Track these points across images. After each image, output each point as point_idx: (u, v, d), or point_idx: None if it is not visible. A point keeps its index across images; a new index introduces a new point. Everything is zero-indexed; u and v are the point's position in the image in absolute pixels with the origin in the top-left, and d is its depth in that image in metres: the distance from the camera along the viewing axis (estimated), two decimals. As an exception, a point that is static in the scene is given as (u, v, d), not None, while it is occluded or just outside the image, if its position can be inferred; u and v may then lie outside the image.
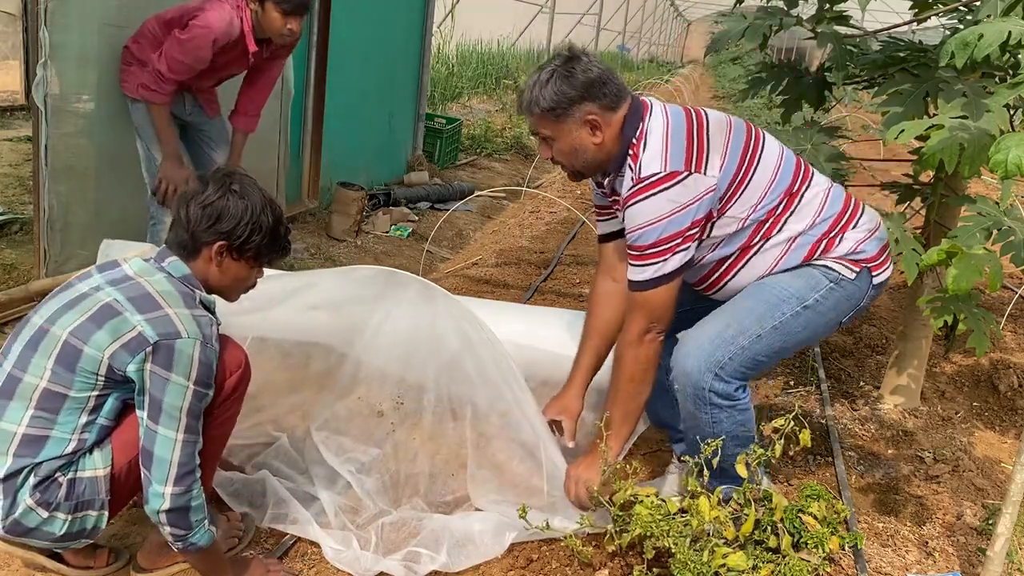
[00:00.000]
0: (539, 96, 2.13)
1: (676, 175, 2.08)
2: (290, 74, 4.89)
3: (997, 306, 4.84)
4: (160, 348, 1.83)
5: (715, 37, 3.16)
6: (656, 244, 2.10)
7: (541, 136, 2.21)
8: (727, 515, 2.08)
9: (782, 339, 2.20)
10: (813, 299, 2.21)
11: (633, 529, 2.06)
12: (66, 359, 1.84)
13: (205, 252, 1.97)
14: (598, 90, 2.13)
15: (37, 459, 1.83)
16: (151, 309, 1.86)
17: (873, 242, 2.29)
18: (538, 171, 8.10)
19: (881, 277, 2.31)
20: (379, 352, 2.61)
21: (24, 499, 1.82)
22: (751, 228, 2.22)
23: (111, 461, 1.91)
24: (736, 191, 2.18)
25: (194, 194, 1.97)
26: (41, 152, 3.34)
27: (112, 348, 1.83)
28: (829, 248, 2.25)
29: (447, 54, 12.44)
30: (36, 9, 3.21)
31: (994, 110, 2.23)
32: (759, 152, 2.22)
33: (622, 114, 2.17)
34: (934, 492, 2.91)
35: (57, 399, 1.84)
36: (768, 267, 2.26)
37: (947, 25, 3.31)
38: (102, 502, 1.91)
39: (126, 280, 1.92)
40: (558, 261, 5.24)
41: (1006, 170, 1.81)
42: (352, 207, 5.32)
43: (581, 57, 2.15)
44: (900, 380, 3.48)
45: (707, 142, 2.14)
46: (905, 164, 3.52)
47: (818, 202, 2.26)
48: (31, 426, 1.84)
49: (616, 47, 23.28)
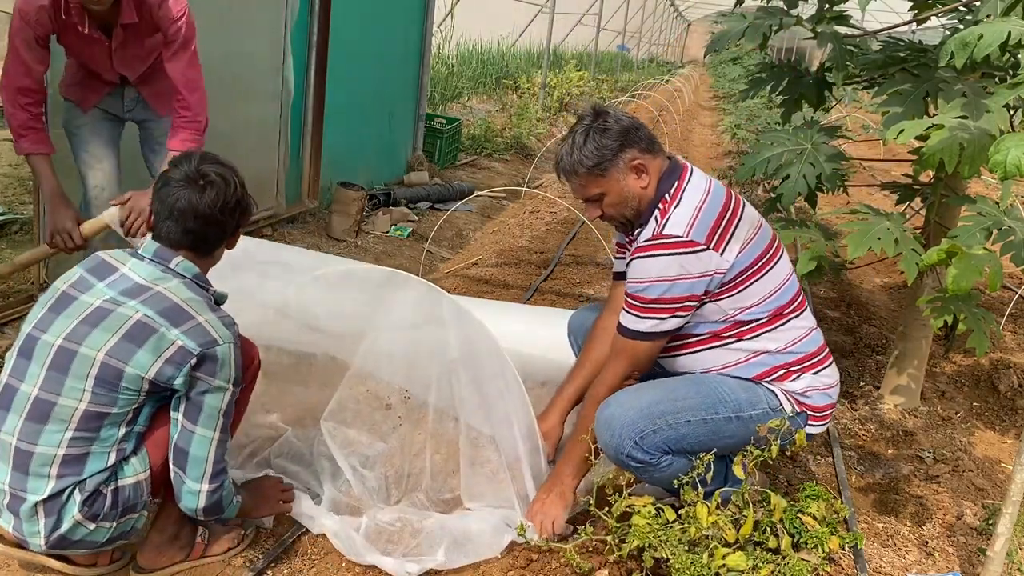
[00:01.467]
0: (581, 157, 2.19)
1: (695, 245, 2.12)
2: (290, 74, 4.89)
3: (997, 306, 4.84)
4: (205, 358, 1.88)
5: (715, 37, 3.17)
6: (659, 301, 2.15)
7: (589, 198, 2.26)
8: (726, 519, 2.08)
9: (708, 436, 2.21)
10: (749, 414, 2.25)
11: (631, 540, 2.06)
12: (107, 380, 1.84)
13: (218, 252, 2.06)
14: (634, 135, 2.20)
15: (82, 476, 1.86)
16: (185, 320, 1.88)
17: (823, 396, 2.32)
18: (538, 171, 8.10)
19: (814, 430, 2.34)
20: (384, 350, 2.61)
21: (72, 515, 1.85)
22: (729, 324, 2.26)
23: (148, 463, 1.95)
24: (737, 287, 2.21)
25: (189, 204, 1.95)
26: (41, 152, 3.32)
27: (156, 366, 1.85)
28: (784, 379, 2.28)
29: (447, 54, 12.43)
30: (36, 9, 3.20)
31: (994, 110, 2.23)
32: (773, 263, 2.27)
33: (660, 162, 2.24)
34: (934, 492, 2.91)
35: (99, 418, 1.86)
36: (722, 365, 2.30)
37: (947, 25, 3.31)
38: (145, 503, 1.97)
39: (143, 291, 1.90)
40: (558, 261, 5.24)
41: (1006, 170, 1.81)
42: (352, 207, 5.32)
43: (608, 111, 2.23)
44: (900, 380, 3.48)
45: (734, 229, 2.18)
46: (905, 164, 3.52)
47: (798, 335, 2.30)
48: (71, 447, 1.84)
49: (616, 47, 23.26)
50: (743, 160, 3.09)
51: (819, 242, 3.05)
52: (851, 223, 2.78)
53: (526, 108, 11.52)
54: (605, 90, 16.59)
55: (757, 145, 3.13)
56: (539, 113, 11.78)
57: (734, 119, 11.93)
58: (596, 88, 16.35)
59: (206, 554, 2.17)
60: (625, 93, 15.49)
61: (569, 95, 13.85)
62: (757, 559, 2.06)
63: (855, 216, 2.83)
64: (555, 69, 14.95)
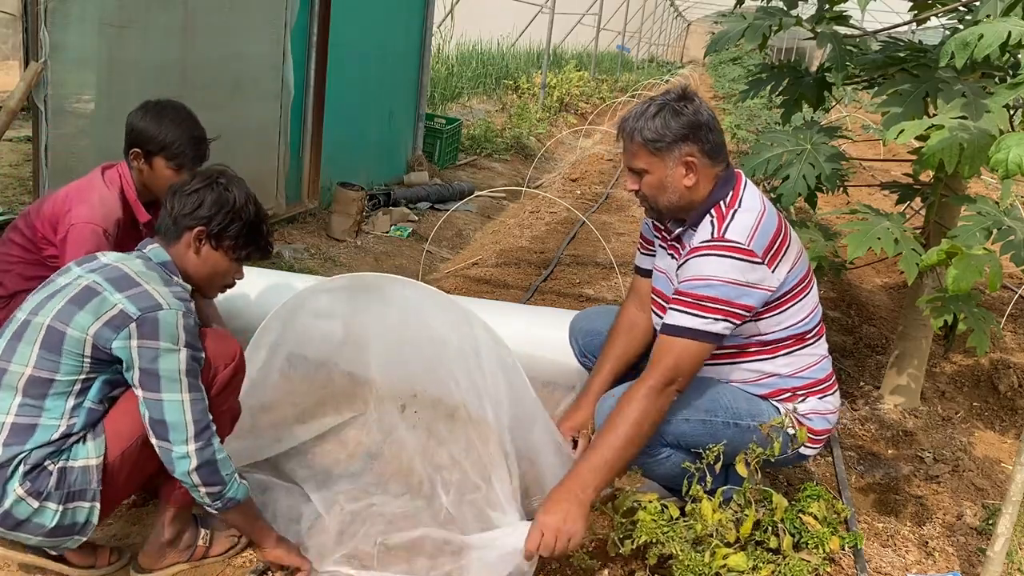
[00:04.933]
0: (643, 126, 2.14)
1: (753, 255, 2.10)
2: (290, 74, 4.89)
3: (997, 306, 4.84)
4: (144, 321, 1.85)
5: (715, 37, 3.16)
6: (713, 300, 2.08)
7: (633, 168, 2.22)
8: (728, 517, 2.08)
9: (705, 437, 2.19)
10: (747, 423, 2.24)
11: (638, 536, 2.05)
12: (50, 343, 1.85)
13: (185, 237, 2.04)
14: (704, 134, 2.15)
15: (26, 447, 1.83)
16: (130, 287, 1.90)
17: (823, 420, 2.32)
18: (538, 171, 8.10)
19: (808, 451, 2.34)
20: (390, 360, 2.54)
21: (14, 489, 1.81)
22: (755, 342, 2.26)
23: (104, 451, 1.90)
24: (781, 306, 2.21)
25: (181, 185, 2.06)
26: (41, 152, 3.34)
27: (95, 327, 1.84)
28: (790, 400, 2.30)
29: (447, 54, 12.43)
30: (36, 9, 3.21)
31: (994, 110, 2.24)
32: (809, 289, 2.28)
33: (718, 170, 2.20)
34: (934, 492, 2.91)
35: (43, 384, 1.85)
36: (732, 380, 2.30)
37: (947, 25, 3.31)
38: (94, 493, 1.89)
39: (104, 266, 1.96)
40: (558, 261, 5.24)
41: (1006, 170, 1.82)
42: (352, 207, 5.32)
43: (694, 99, 2.18)
44: (900, 380, 3.48)
45: (785, 249, 2.17)
46: (905, 164, 3.52)
47: (811, 361, 2.30)
48: (19, 415, 1.84)
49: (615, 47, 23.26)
50: (743, 161, 3.09)
51: (819, 242, 3.06)
52: (851, 223, 2.78)
53: (526, 108, 11.53)
54: (605, 90, 16.58)
55: (757, 145, 3.12)
56: (539, 113, 11.78)
57: (734, 119, 11.92)
58: (596, 88, 16.35)
59: (207, 555, 2.17)
60: (625, 93, 15.49)
61: (569, 95, 13.86)
62: (758, 559, 2.07)
63: (855, 216, 2.83)
64: (555, 69, 14.95)
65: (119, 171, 2.61)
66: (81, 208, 2.49)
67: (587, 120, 12.19)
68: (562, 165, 9.42)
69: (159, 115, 2.55)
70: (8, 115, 3.12)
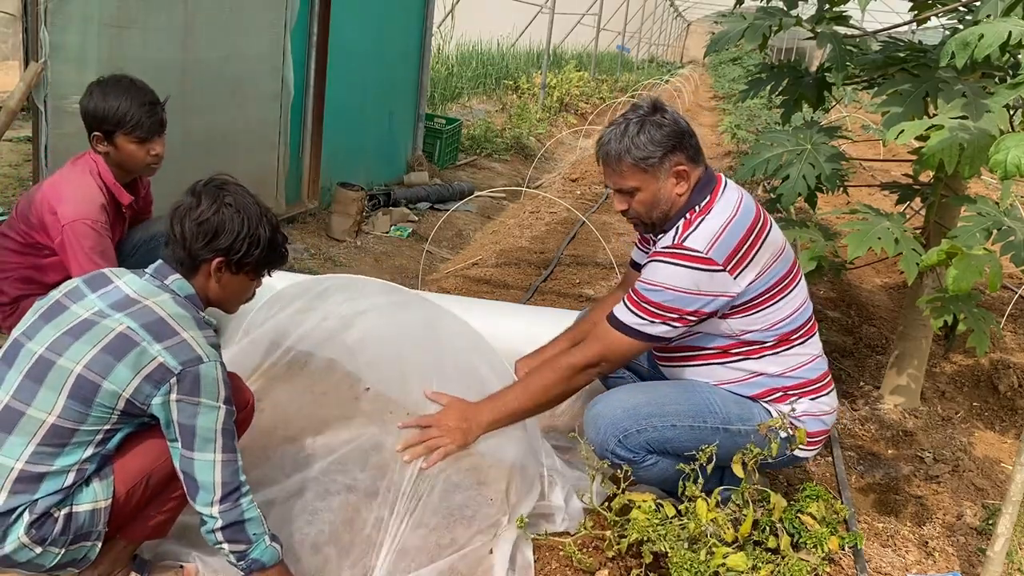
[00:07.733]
0: (630, 145, 2.14)
1: (711, 264, 2.10)
2: (290, 74, 4.89)
3: (997, 306, 4.84)
4: (185, 376, 1.78)
5: (715, 37, 3.16)
6: (657, 306, 2.13)
7: (622, 189, 2.21)
8: (724, 517, 2.08)
9: (693, 443, 2.19)
10: (737, 428, 2.25)
11: (630, 534, 2.06)
12: (81, 394, 1.75)
13: (204, 268, 1.92)
14: (687, 140, 2.17)
15: (35, 496, 1.75)
16: (168, 336, 1.80)
17: (818, 422, 2.32)
18: (538, 171, 8.10)
19: (802, 454, 2.34)
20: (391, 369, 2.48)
21: (18, 536, 1.73)
22: (736, 342, 2.26)
23: (112, 493, 1.84)
24: (751, 309, 2.21)
25: (188, 209, 1.90)
26: (41, 152, 3.34)
27: (135, 383, 1.76)
28: (780, 401, 2.29)
29: (447, 54, 12.42)
30: (36, 9, 3.21)
31: (994, 110, 2.24)
32: (789, 290, 2.26)
33: (700, 172, 2.21)
34: (934, 492, 2.91)
35: (66, 434, 1.76)
36: (720, 380, 2.30)
37: (947, 25, 3.31)
38: (99, 534, 1.84)
39: (132, 304, 1.84)
40: (558, 261, 5.24)
41: (1006, 170, 1.82)
42: (352, 207, 5.32)
43: (667, 108, 2.19)
44: (900, 380, 3.48)
45: (754, 254, 2.16)
46: (905, 164, 3.52)
47: (800, 361, 2.30)
48: (30, 462, 1.74)
49: (615, 47, 23.25)
50: (743, 161, 3.09)
51: (819, 242, 3.06)
52: (851, 223, 2.78)
53: (526, 108, 11.52)
54: (605, 90, 16.58)
55: (757, 145, 3.12)
56: (539, 113, 11.77)
57: (734, 119, 11.91)
58: (596, 88, 16.35)
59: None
60: (625, 93, 15.49)
61: (569, 95, 13.85)
62: (757, 559, 2.07)
63: (855, 216, 2.83)
64: (555, 69, 14.95)
65: (91, 158, 2.60)
66: (65, 207, 2.48)
67: (587, 120, 12.18)
68: (562, 165, 9.42)
69: (105, 93, 2.55)
70: (8, 115, 3.12)
